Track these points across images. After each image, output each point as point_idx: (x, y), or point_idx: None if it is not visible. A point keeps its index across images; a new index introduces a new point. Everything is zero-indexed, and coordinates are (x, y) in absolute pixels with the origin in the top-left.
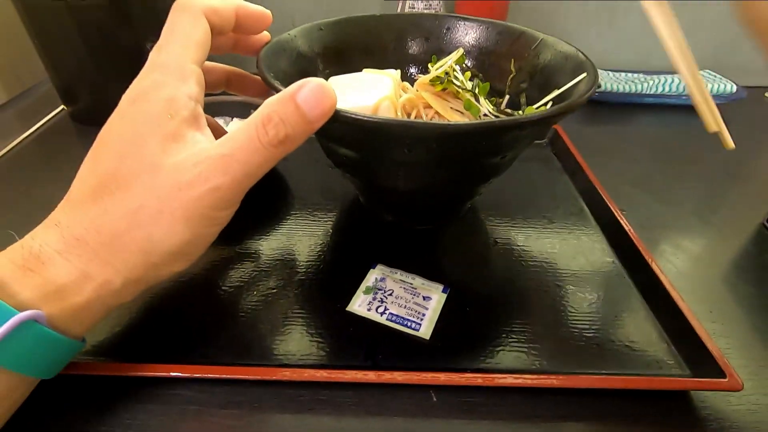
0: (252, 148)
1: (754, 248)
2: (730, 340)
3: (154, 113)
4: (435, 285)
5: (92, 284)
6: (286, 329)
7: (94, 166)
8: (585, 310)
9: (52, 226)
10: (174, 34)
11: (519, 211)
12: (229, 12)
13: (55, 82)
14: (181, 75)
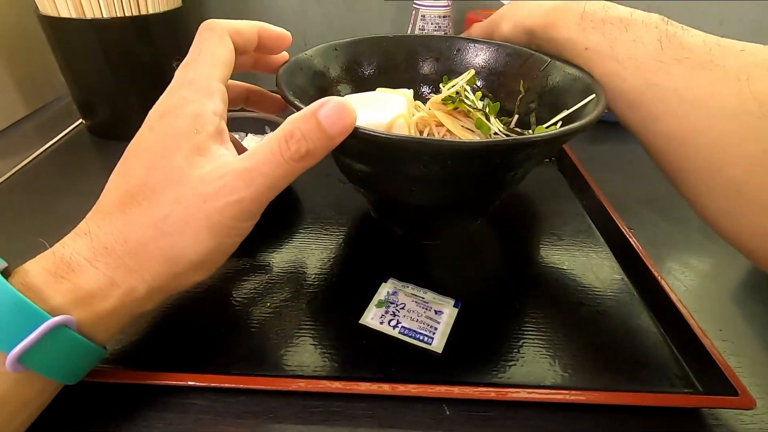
0: (275, 162)
1: None
2: (741, 359)
3: (182, 128)
4: (446, 299)
5: (118, 291)
6: (300, 341)
7: (123, 177)
8: (596, 327)
9: (81, 234)
10: (201, 54)
11: (528, 227)
12: (252, 33)
13: (74, 96)
14: (207, 92)
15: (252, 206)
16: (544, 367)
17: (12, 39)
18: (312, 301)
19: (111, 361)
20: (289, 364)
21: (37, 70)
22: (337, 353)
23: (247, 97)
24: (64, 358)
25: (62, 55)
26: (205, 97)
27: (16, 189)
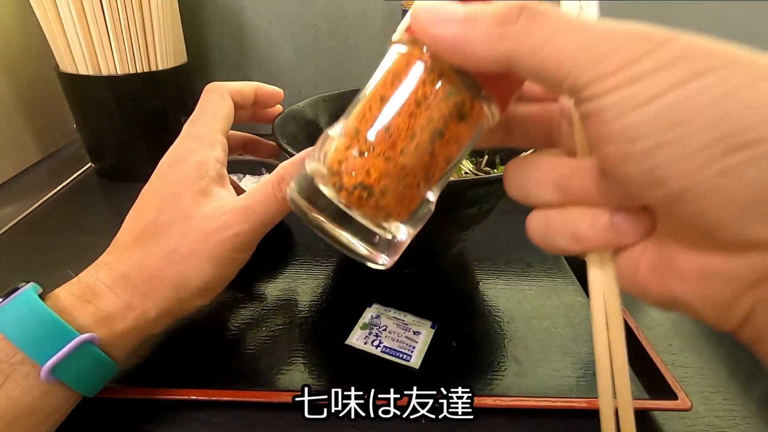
0: (268, 201)
1: None
2: (687, 369)
3: (189, 174)
4: (424, 321)
5: (134, 313)
6: (292, 361)
7: (137, 217)
8: (558, 344)
9: (102, 265)
10: (206, 112)
11: (500, 256)
12: (250, 91)
13: (86, 142)
14: (210, 143)
15: (248, 240)
16: (510, 379)
17: (30, 91)
18: (303, 325)
19: (119, 380)
20: (281, 381)
21: (51, 118)
22: (325, 371)
23: (245, 144)
24: (88, 371)
25: (77, 107)
26: (209, 148)
27: (29, 228)
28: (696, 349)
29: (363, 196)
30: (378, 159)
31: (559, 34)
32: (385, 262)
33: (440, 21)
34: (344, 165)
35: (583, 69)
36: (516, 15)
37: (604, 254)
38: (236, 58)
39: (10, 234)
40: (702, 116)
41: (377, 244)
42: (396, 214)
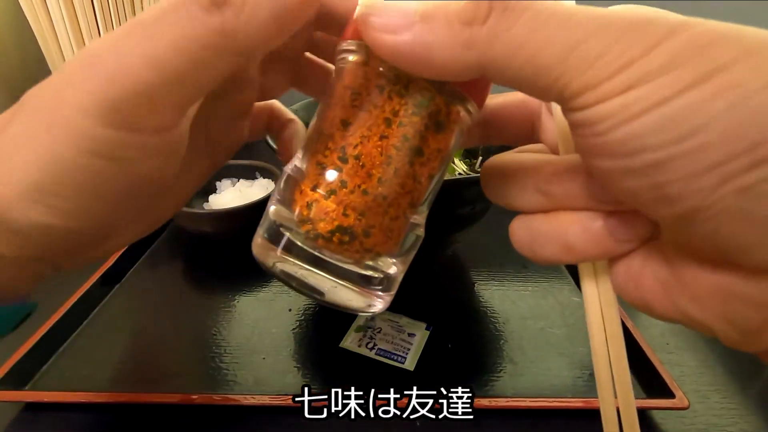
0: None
1: None
2: (684, 368)
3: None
4: (419, 323)
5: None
6: (286, 365)
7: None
8: (554, 344)
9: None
10: None
11: (496, 258)
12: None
13: None
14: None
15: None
16: (506, 379)
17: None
18: (296, 328)
19: (106, 387)
20: (273, 384)
21: None
22: (319, 373)
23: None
24: None
25: None
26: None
27: None
28: (692, 347)
29: (344, 241)
30: (353, 195)
31: (539, 32)
32: (379, 305)
33: (392, 27)
34: (314, 209)
35: (571, 76)
36: (485, 12)
37: (599, 264)
38: None
39: None
40: (717, 125)
41: (368, 288)
42: (385, 250)
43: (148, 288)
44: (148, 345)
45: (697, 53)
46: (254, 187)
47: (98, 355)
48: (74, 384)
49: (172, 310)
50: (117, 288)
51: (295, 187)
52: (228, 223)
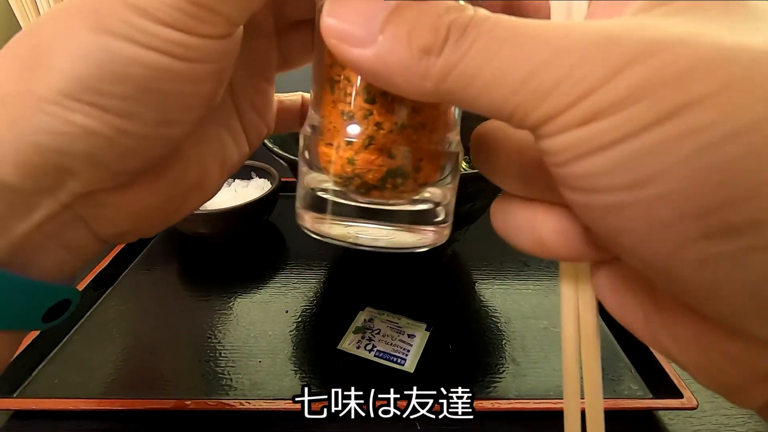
0: None
1: None
2: None
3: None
4: (419, 324)
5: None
6: (283, 369)
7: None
8: (557, 343)
9: None
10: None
11: (496, 256)
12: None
13: None
14: None
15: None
16: (508, 381)
17: None
18: (294, 330)
19: (102, 393)
20: (271, 388)
21: None
22: (316, 376)
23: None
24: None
25: None
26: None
27: None
28: None
29: (397, 183)
30: (393, 134)
31: (493, 62)
32: (442, 237)
33: (354, 39)
34: (358, 163)
35: (526, 108)
36: (442, 39)
37: (580, 267)
38: None
39: None
40: (676, 175)
41: (429, 223)
42: (436, 179)
43: (142, 291)
44: (141, 350)
45: (665, 83)
46: (250, 187)
47: (90, 360)
48: (65, 391)
49: (166, 313)
50: (110, 291)
51: (322, 146)
52: (223, 224)
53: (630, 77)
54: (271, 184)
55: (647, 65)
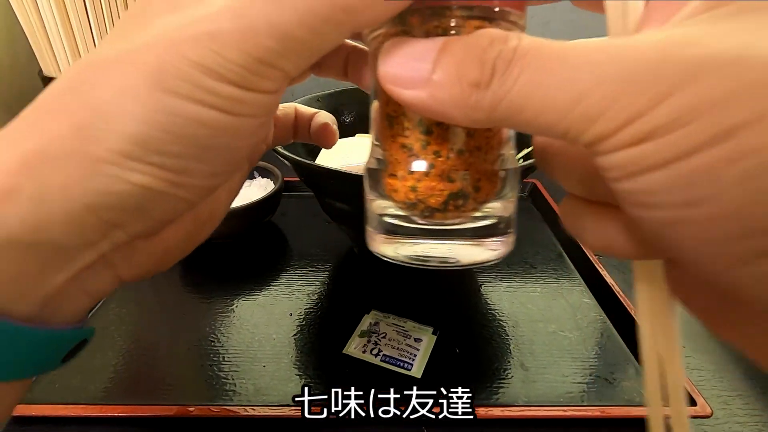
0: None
1: None
2: (704, 373)
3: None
4: (425, 327)
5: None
6: (286, 373)
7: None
8: (567, 347)
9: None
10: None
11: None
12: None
13: None
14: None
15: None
16: (517, 387)
17: (15, 98)
18: (298, 333)
19: (98, 398)
20: (274, 393)
21: None
22: (322, 382)
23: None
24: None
25: None
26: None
27: None
28: (709, 350)
29: (459, 205)
30: (450, 160)
31: (539, 90)
32: (507, 247)
33: (407, 82)
34: (420, 190)
35: (577, 130)
36: (488, 74)
37: (653, 264)
38: None
39: None
40: (727, 196)
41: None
42: (495, 195)
43: (143, 293)
44: (143, 354)
45: (714, 105)
46: (252, 187)
47: (90, 364)
48: (65, 395)
49: (168, 315)
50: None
51: (387, 177)
52: (226, 224)
53: (679, 100)
54: (274, 184)
55: (696, 88)
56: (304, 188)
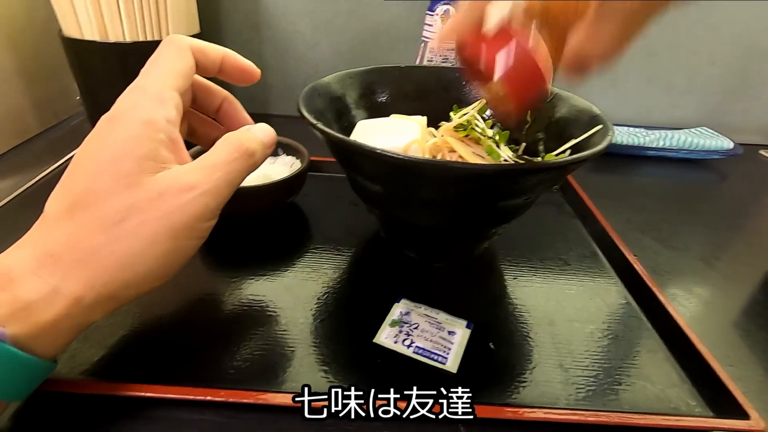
0: (232, 158)
1: (762, 296)
2: (748, 384)
3: (132, 134)
4: (459, 320)
5: (63, 301)
6: (312, 358)
7: (70, 184)
8: (606, 350)
9: (25, 244)
10: (157, 63)
11: (534, 252)
12: (216, 56)
13: (90, 115)
14: (159, 99)
15: (213, 203)
16: (557, 388)
17: (32, 59)
18: (325, 318)
19: (117, 376)
20: (300, 380)
21: (54, 89)
22: (352, 372)
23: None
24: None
25: (82, 76)
26: (157, 104)
27: (28, 204)
28: (758, 359)
29: None
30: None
31: None
32: None
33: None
34: None
35: None
36: None
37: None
38: (250, 35)
39: (7, 209)
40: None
41: None
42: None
43: None
44: (155, 335)
45: None
46: (277, 164)
47: (107, 342)
48: (83, 372)
49: (185, 296)
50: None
51: None
52: (248, 203)
53: None
54: (301, 163)
55: None
56: (328, 168)
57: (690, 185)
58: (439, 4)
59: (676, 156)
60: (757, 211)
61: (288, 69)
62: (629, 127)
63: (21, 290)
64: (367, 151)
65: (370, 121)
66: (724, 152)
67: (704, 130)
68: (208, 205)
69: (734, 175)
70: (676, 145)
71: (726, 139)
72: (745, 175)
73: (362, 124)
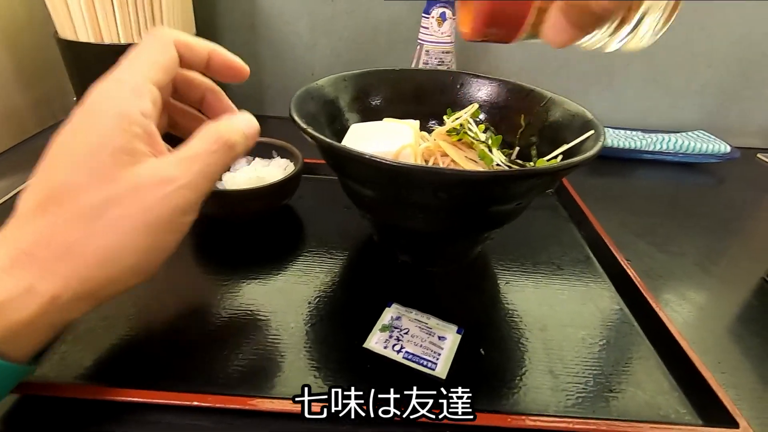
0: (210, 149)
1: (756, 301)
2: (740, 391)
3: (107, 127)
4: (449, 325)
5: (38, 300)
6: (304, 362)
7: (43, 179)
8: (596, 356)
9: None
10: (138, 55)
11: (528, 257)
12: (203, 51)
13: None
14: (136, 91)
15: (192, 195)
16: (547, 394)
17: (29, 59)
18: (315, 323)
19: (115, 381)
20: (290, 385)
21: (51, 89)
22: (342, 376)
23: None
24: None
25: (78, 77)
26: (133, 96)
27: None
28: (750, 367)
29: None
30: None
31: None
32: None
33: None
34: None
35: None
36: None
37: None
38: (246, 36)
39: (4, 208)
40: None
41: None
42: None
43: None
44: (147, 338)
45: None
46: (271, 167)
47: (98, 346)
48: (74, 377)
49: (177, 299)
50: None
51: None
52: (241, 206)
53: None
54: (294, 165)
55: None
56: (322, 171)
57: (687, 189)
58: (435, 6)
59: (673, 159)
60: (755, 215)
61: (285, 70)
62: (626, 130)
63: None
64: (357, 157)
65: (363, 125)
66: (721, 156)
67: (702, 133)
68: (188, 199)
69: (732, 179)
70: (673, 149)
71: (723, 143)
72: (742, 179)
73: (355, 127)
